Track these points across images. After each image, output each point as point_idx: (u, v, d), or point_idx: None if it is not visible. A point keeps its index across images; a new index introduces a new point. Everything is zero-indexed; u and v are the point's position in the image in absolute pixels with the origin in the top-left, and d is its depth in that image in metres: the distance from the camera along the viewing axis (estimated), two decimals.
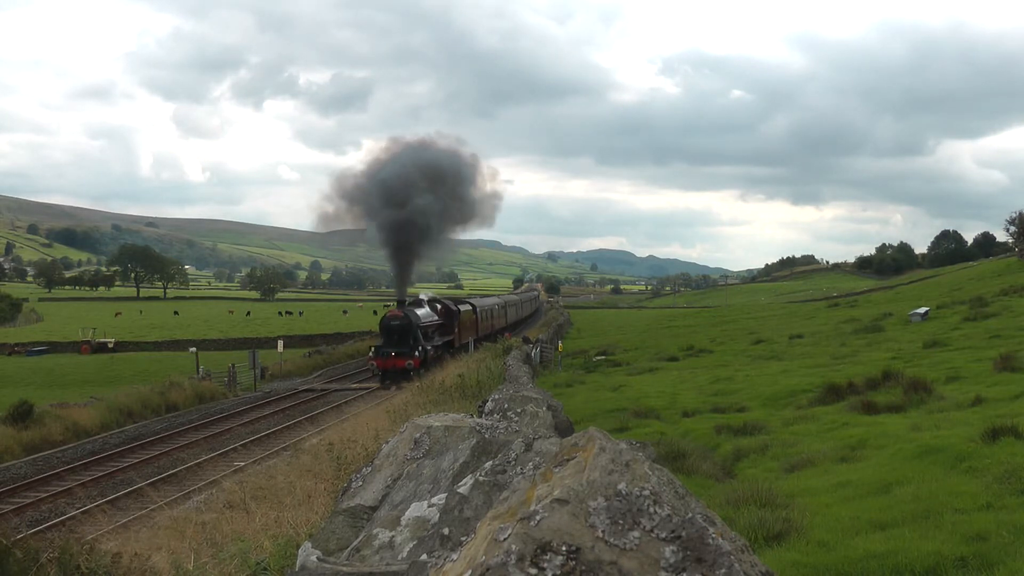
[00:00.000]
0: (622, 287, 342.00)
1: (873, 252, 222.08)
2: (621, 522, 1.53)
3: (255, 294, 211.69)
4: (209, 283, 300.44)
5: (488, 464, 2.68)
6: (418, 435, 3.45)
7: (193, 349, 50.99)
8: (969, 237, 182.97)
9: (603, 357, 37.17)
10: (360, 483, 3.45)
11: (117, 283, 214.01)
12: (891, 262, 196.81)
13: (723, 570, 1.46)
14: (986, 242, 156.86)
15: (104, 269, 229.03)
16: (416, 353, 37.96)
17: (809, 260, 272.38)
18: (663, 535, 1.52)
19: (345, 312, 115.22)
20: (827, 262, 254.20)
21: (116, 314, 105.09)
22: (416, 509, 2.87)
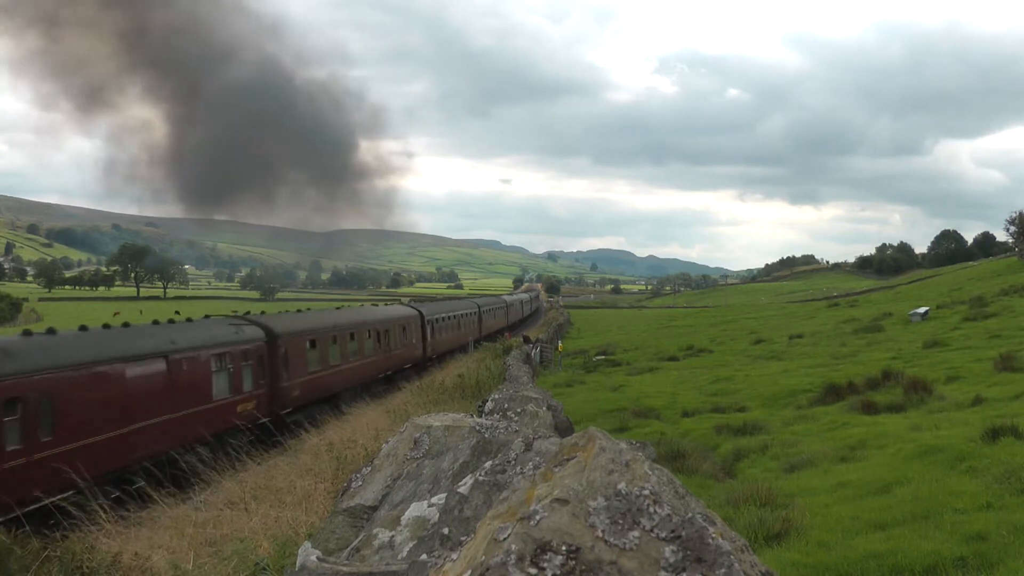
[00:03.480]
0: (622, 287, 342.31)
1: (873, 252, 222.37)
2: (621, 522, 1.53)
3: (255, 294, 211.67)
4: (209, 283, 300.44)
5: (488, 464, 2.68)
6: (418, 435, 3.44)
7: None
8: (968, 237, 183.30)
9: (603, 357, 37.17)
10: (360, 483, 3.45)
11: (117, 283, 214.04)
12: (891, 262, 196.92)
13: (723, 570, 1.46)
14: (986, 242, 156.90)
15: (104, 269, 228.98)
16: None
17: (809, 260, 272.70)
18: (663, 535, 1.52)
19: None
20: (827, 262, 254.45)
21: (115, 314, 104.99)
22: (416, 509, 2.87)
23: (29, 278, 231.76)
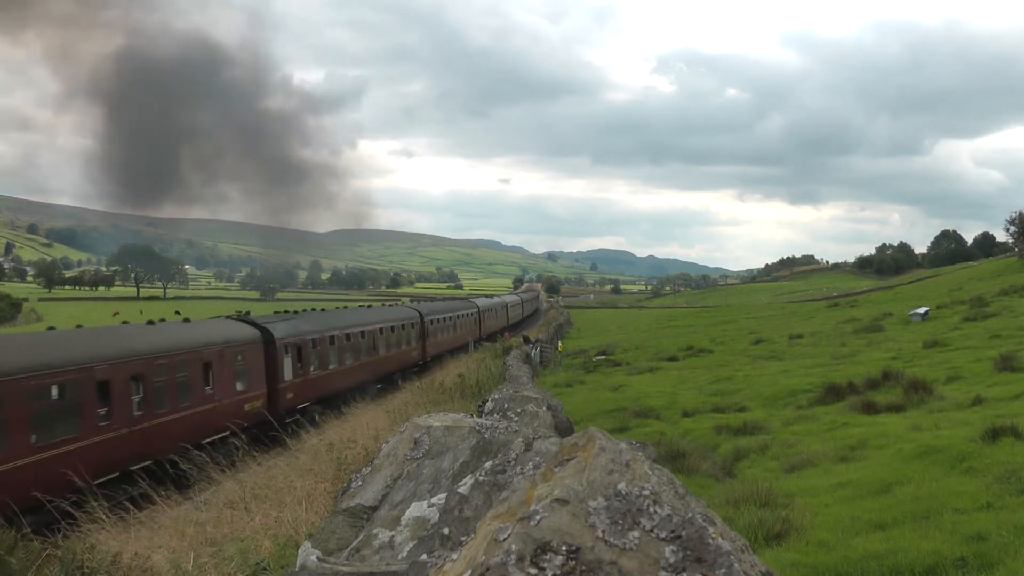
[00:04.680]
0: (622, 287, 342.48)
1: (872, 252, 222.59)
2: (621, 522, 1.53)
3: (255, 294, 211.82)
4: (209, 283, 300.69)
5: (488, 464, 2.68)
6: (418, 435, 3.45)
7: None
8: (968, 237, 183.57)
9: (603, 357, 37.17)
10: (360, 483, 3.45)
11: (117, 283, 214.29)
12: (891, 262, 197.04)
13: (723, 570, 1.46)
14: (986, 242, 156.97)
15: (104, 269, 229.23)
16: None
17: (809, 260, 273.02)
18: (663, 535, 1.52)
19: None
20: (827, 262, 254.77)
21: (114, 314, 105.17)
22: (416, 509, 2.87)
23: (29, 278, 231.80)
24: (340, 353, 29.83)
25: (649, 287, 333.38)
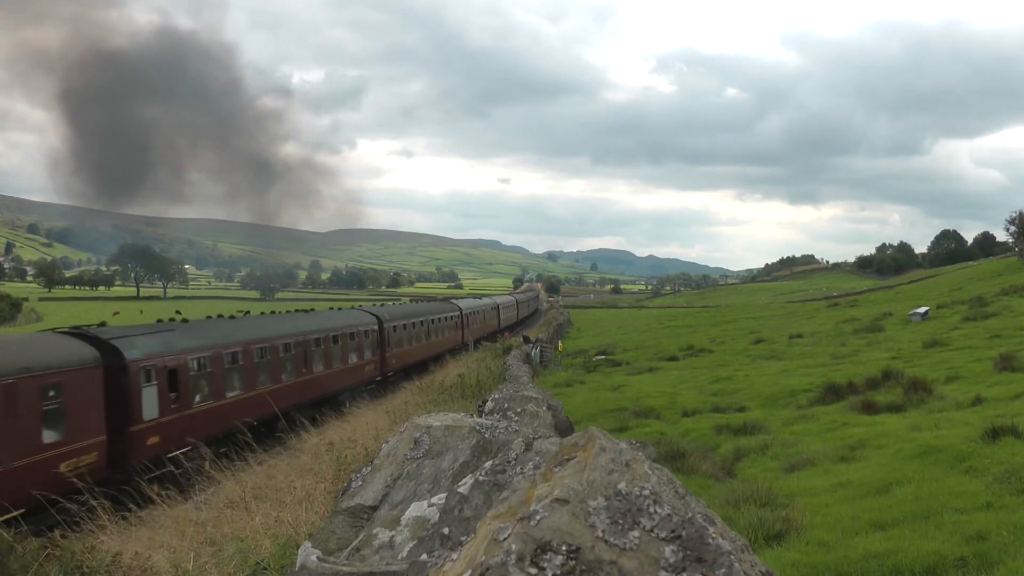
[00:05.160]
0: (622, 287, 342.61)
1: (872, 252, 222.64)
2: (621, 522, 1.53)
3: (255, 294, 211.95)
4: (209, 282, 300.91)
5: (488, 464, 2.68)
6: (418, 435, 3.44)
7: None
8: (968, 236, 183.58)
9: (603, 357, 37.16)
10: (360, 483, 3.44)
11: (117, 282, 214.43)
12: (891, 262, 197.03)
13: (723, 570, 1.46)
14: (986, 242, 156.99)
15: (104, 269, 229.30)
16: None
17: (809, 260, 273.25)
18: (663, 535, 1.52)
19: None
20: (827, 262, 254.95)
21: (114, 313, 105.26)
22: (416, 509, 2.87)
23: (29, 278, 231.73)
24: (247, 374, 23.16)
25: (649, 287, 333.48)
